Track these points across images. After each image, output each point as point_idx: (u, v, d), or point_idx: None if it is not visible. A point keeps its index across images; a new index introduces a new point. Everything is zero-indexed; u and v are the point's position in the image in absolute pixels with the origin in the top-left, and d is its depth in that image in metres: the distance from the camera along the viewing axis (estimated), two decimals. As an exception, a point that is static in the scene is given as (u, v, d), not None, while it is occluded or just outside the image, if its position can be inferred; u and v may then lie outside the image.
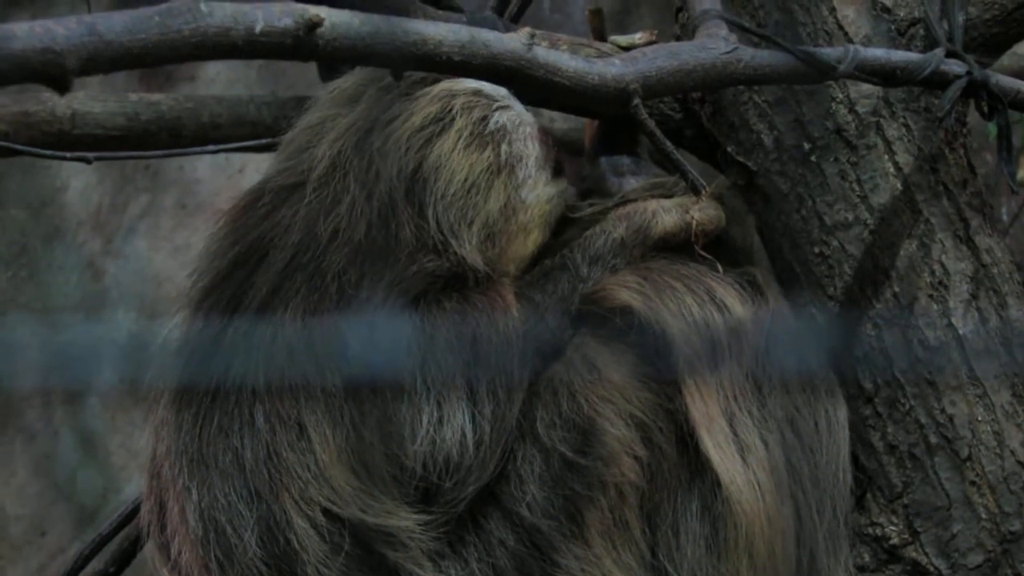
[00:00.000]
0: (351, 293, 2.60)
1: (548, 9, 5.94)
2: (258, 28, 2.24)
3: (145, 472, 2.72)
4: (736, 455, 2.65)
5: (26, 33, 2.01)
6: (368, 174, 2.72)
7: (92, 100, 3.56)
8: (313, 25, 2.28)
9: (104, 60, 2.09)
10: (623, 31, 3.08)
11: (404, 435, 2.55)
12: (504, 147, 2.80)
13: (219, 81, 6.32)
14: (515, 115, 2.84)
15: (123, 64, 2.10)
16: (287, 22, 2.26)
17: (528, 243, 2.80)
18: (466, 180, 2.75)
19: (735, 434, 2.66)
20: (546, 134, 2.88)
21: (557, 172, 2.87)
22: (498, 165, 2.78)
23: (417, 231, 2.70)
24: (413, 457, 2.56)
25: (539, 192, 2.82)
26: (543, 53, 2.55)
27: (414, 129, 2.77)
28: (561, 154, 2.90)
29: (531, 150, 2.83)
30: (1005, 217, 5.21)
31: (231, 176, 6.24)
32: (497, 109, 2.82)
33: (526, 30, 2.58)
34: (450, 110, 2.79)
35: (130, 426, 6.15)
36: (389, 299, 2.60)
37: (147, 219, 6.36)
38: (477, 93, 2.82)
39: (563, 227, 2.87)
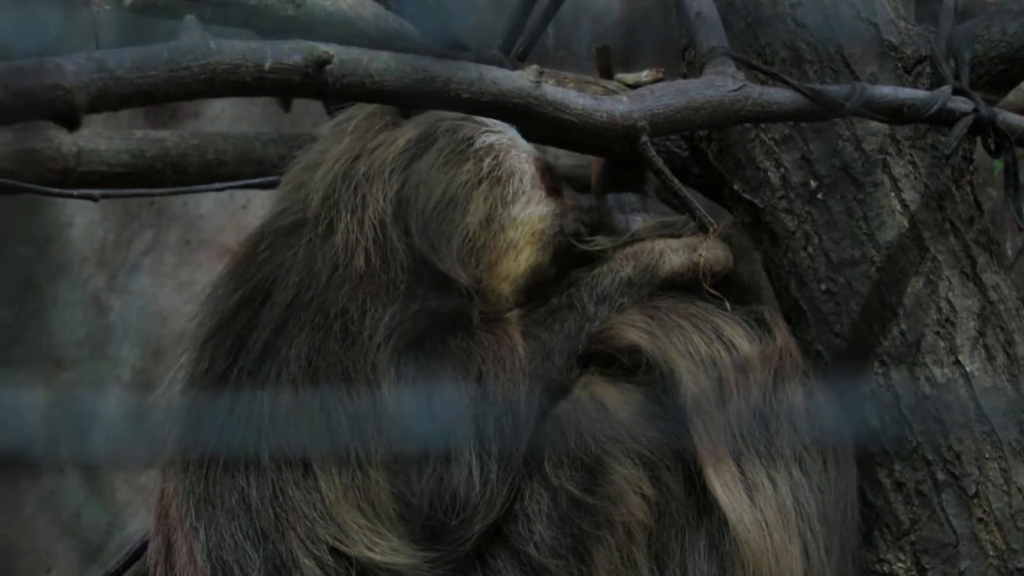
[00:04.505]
0: (354, 331, 2.60)
1: (552, 47, 5.95)
2: (267, 65, 2.24)
3: (152, 511, 2.71)
4: (743, 494, 2.64)
5: (36, 69, 2.01)
6: (356, 200, 2.72)
7: (97, 137, 3.56)
8: (322, 62, 2.28)
9: (113, 97, 2.09)
10: (629, 69, 3.08)
11: (410, 473, 2.55)
12: (488, 161, 2.78)
13: (223, 117, 6.33)
14: (506, 138, 2.82)
15: (133, 101, 2.11)
16: (296, 59, 2.26)
17: (520, 261, 2.78)
18: (444, 194, 2.75)
19: (742, 473, 2.65)
20: (542, 160, 2.86)
21: (552, 193, 2.85)
22: (479, 178, 2.77)
23: (409, 252, 2.69)
24: (420, 495, 2.55)
25: (531, 210, 2.80)
26: (551, 90, 2.55)
27: (397, 151, 2.77)
28: (560, 182, 2.88)
29: (525, 168, 2.82)
30: (1010, 253, 5.21)
31: (235, 212, 6.24)
32: (485, 132, 2.81)
33: (534, 68, 2.58)
34: (433, 132, 2.79)
35: (135, 463, 6.14)
36: (392, 337, 2.60)
37: (151, 255, 6.36)
38: (465, 118, 2.81)
39: (569, 263, 2.86)
